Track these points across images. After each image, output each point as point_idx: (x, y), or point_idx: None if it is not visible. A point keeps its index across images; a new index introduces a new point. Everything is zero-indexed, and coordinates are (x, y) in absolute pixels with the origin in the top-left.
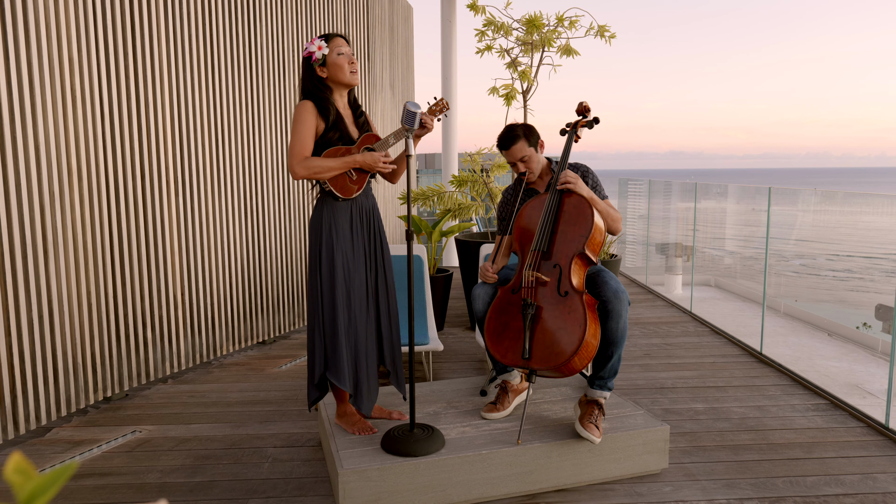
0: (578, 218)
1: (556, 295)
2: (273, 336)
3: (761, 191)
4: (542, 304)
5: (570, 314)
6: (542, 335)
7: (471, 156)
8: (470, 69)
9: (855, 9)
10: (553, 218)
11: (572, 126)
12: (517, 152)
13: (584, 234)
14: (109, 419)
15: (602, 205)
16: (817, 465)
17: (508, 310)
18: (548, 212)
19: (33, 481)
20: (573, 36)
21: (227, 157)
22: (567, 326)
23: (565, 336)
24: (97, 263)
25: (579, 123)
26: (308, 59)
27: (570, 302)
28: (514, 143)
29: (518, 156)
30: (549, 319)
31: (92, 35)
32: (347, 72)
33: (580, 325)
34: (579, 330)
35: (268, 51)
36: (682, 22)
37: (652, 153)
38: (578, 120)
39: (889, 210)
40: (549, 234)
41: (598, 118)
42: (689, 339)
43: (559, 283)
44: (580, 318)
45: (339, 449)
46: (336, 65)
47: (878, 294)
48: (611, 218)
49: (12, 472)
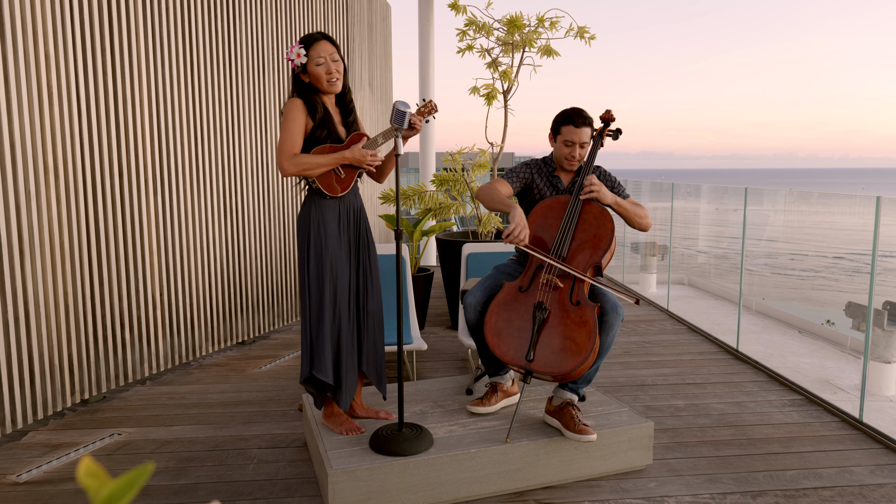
0: (599, 230)
1: (568, 303)
2: (253, 336)
3: (728, 191)
4: (552, 308)
5: (580, 325)
6: (549, 340)
7: (452, 155)
8: (450, 69)
9: (825, 13)
10: (574, 224)
11: (598, 132)
12: (585, 135)
13: (603, 247)
14: (87, 422)
15: (628, 205)
16: (796, 459)
17: (515, 307)
18: (569, 218)
19: (107, 485)
20: (553, 37)
21: (206, 156)
22: (576, 336)
23: (573, 346)
24: (74, 263)
25: (605, 131)
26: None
27: (582, 312)
28: (587, 125)
29: (585, 138)
30: (558, 326)
31: (69, 30)
32: (325, 82)
33: (590, 337)
34: (589, 343)
35: (247, 48)
36: (658, 23)
37: (624, 153)
38: (604, 127)
39: (851, 210)
40: (569, 240)
41: (620, 129)
42: (667, 337)
43: (572, 291)
44: (591, 330)
45: (328, 449)
46: (314, 75)
47: (840, 292)
48: (638, 216)
49: (85, 476)
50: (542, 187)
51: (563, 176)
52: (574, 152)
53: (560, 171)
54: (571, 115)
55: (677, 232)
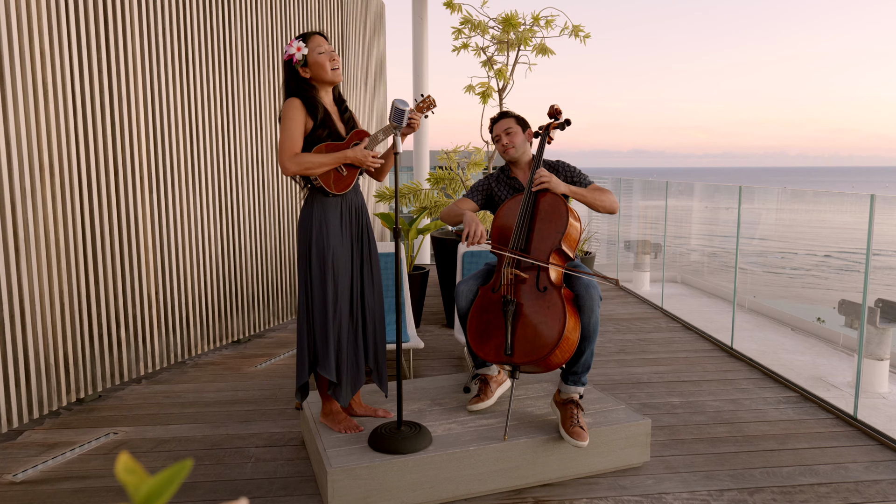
0: (553, 215)
1: (536, 291)
2: (248, 335)
3: (720, 189)
4: (523, 300)
5: (548, 309)
6: (524, 331)
7: (447, 153)
8: (444, 67)
9: (816, 13)
10: (529, 217)
11: (544, 128)
12: (504, 124)
13: (559, 230)
14: (83, 421)
15: (585, 192)
16: (792, 456)
17: (489, 308)
18: (524, 211)
19: (146, 481)
20: (549, 35)
21: (201, 154)
22: (547, 321)
23: (545, 330)
24: (69, 261)
25: (551, 126)
26: (289, 61)
27: (549, 297)
28: (503, 118)
29: (505, 126)
30: (529, 315)
31: (64, 28)
32: (329, 69)
33: (559, 318)
34: (558, 324)
35: (242, 46)
36: (652, 21)
37: (615, 151)
38: (550, 122)
39: (841, 208)
40: (525, 232)
41: (569, 120)
42: (662, 335)
43: (538, 280)
44: (559, 312)
45: (327, 448)
46: (317, 63)
47: (830, 290)
48: (599, 200)
49: (123, 472)
50: (501, 193)
51: (519, 175)
52: (503, 141)
53: (516, 172)
54: (493, 117)
55: (670, 230)
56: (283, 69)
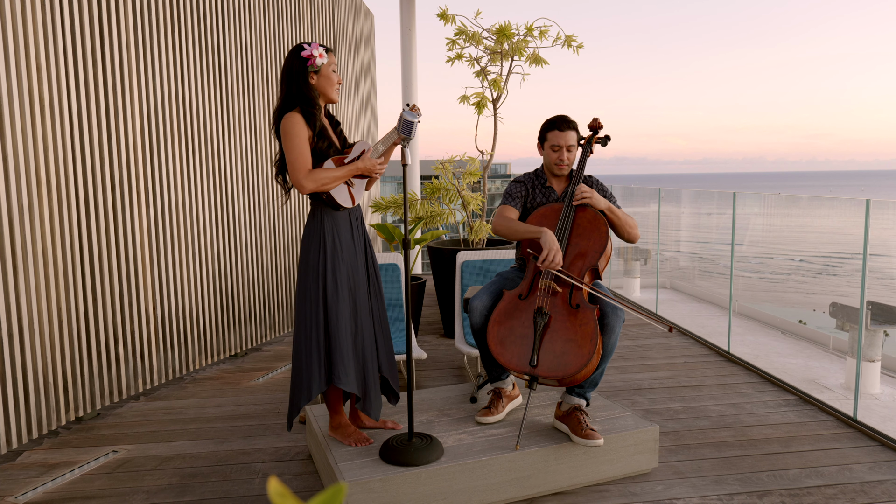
0: (593, 233)
1: (568, 306)
2: (245, 349)
3: (702, 195)
4: (553, 313)
5: (581, 327)
6: (552, 345)
7: (443, 163)
8: (437, 78)
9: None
10: (568, 231)
11: (586, 140)
12: (571, 138)
13: (598, 249)
14: (83, 440)
15: (621, 214)
16: (796, 458)
17: (516, 315)
18: (563, 224)
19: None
20: (542, 45)
21: (198, 169)
22: (578, 339)
23: (575, 348)
24: (68, 277)
25: (593, 139)
26: (305, 60)
27: (582, 315)
28: (572, 129)
29: (571, 141)
30: (560, 330)
31: (60, 42)
32: (334, 89)
33: (592, 339)
34: (590, 344)
35: (236, 60)
36: (642, 30)
37: (598, 159)
38: (592, 135)
39: (823, 213)
40: (563, 246)
41: (609, 136)
42: (659, 341)
43: (571, 296)
44: (591, 332)
45: (338, 461)
46: (328, 78)
47: (813, 294)
48: (629, 225)
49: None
50: (536, 202)
51: (555, 185)
52: (562, 156)
53: (552, 181)
54: (556, 121)
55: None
56: (294, 68)
